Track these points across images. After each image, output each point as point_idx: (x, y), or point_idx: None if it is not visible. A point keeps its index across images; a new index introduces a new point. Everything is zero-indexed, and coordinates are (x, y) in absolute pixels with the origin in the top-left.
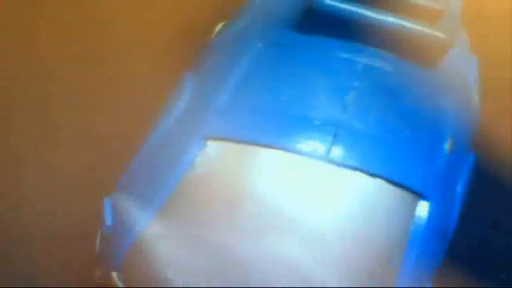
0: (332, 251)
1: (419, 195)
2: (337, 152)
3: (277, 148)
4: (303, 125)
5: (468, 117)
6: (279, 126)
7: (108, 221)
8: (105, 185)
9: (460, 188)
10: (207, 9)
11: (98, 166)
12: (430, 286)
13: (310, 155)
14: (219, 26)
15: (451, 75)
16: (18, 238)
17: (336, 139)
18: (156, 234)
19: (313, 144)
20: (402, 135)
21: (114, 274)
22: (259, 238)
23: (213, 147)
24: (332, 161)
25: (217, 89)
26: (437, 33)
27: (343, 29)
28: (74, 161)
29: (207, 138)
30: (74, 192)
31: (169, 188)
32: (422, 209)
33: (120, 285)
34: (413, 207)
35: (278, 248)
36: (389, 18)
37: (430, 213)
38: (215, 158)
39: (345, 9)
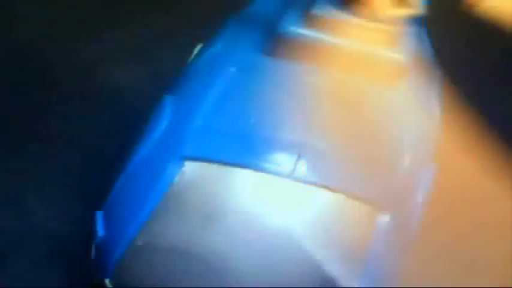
0: (299, 257)
1: (379, 207)
2: (301, 170)
3: (248, 167)
4: (270, 145)
5: (428, 131)
6: (248, 147)
7: (100, 232)
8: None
9: (420, 197)
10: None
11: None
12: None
13: (277, 173)
14: (196, 49)
15: (412, 92)
16: (21, 243)
17: (299, 158)
18: (143, 245)
19: (279, 164)
20: (362, 152)
21: (107, 280)
22: (235, 247)
23: (190, 166)
24: (297, 178)
25: (193, 112)
26: (395, 55)
27: (309, 52)
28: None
29: (184, 159)
30: (74, 200)
31: (152, 205)
32: (383, 219)
33: None
34: (374, 217)
35: (251, 255)
36: (350, 43)
37: (390, 223)
38: (192, 176)
39: (308, 36)
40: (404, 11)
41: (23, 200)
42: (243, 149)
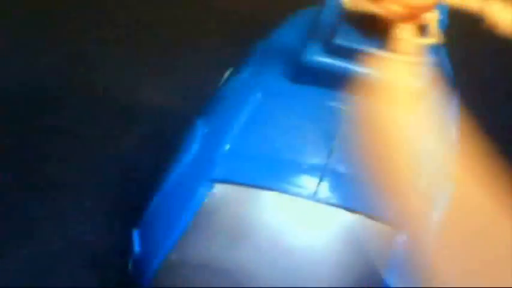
0: (321, 274)
1: (396, 227)
2: (323, 192)
3: (273, 189)
4: (294, 169)
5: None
6: (273, 171)
7: (137, 248)
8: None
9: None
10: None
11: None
12: None
13: (300, 195)
14: (226, 74)
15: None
16: (60, 255)
17: (321, 181)
18: (176, 261)
19: (302, 186)
20: (381, 175)
21: None
22: (261, 265)
23: (219, 188)
24: (319, 200)
25: (222, 136)
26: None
27: (332, 79)
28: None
29: (214, 181)
30: (112, 213)
31: (184, 224)
32: (400, 238)
33: None
34: (392, 237)
35: (276, 272)
36: (369, 70)
37: (407, 242)
38: (221, 198)
39: (332, 64)
40: (425, 40)
41: (63, 213)
42: (268, 172)
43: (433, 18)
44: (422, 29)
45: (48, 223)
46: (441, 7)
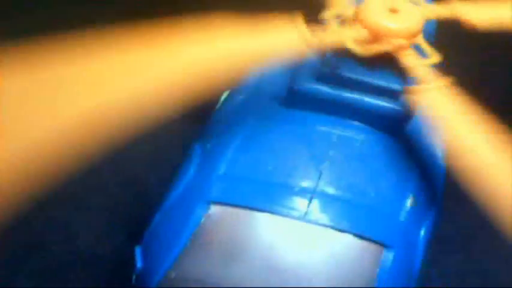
0: None
1: (383, 245)
2: (313, 213)
3: (265, 211)
4: (285, 191)
5: (431, 174)
6: (266, 193)
7: (139, 264)
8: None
9: (423, 234)
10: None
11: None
12: None
13: (291, 216)
14: (223, 96)
15: (414, 137)
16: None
17: (311, 203)
18: (175, 278)
19: (293, 208)
20: (368, 196)
21: None
22: (254, 282)
23: (215, 209)
24: (309, 221)
25: (217, 159)
26: (397, 107)
27: (321, 105)
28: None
29: (210, 202)
30: (117, 226)
31: (182, 242)
32: (387, 255)
33: None
34: (379, 255)
35: (268, 286)
36: (357, 96)
37: (394, 259)
38: (217, 218)
39: (320, 90)
40: (429, 61)
41: (70, 227)
42: (261, 194)
43: (420, 37)
44: (418, 51)
45: (55, 237)
46: (429, 23)
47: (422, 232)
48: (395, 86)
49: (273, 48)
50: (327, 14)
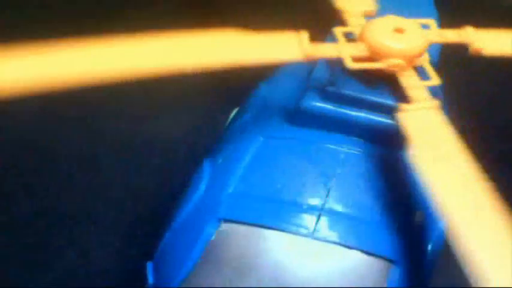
0: None
1: (391, 261)
2: (321, 230)
3: (274, 228)
4: (294, 208)
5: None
6: (274, 210)
7: (150, 280)
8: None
9: (430, 249)
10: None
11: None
12: None
13: (299, 233)
14: (232, 113)
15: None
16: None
17: (319, 220)
18: None
19: (301, 225)
20: (375, 213)
21: None
22: None
23: (225, 227)
24: (317, 238)
25: (228, 176)
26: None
27: (327, 122)
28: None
29: (220, 220)
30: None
31: (193, 259)
32: (394, 272)
33: None
34: (386, 271)
35: None
36: (363, 115)
37: (401, 275)
38: (227, 235)
39: (326, 109)
40: (430, 82)
41: (83, 242)
42: (270, 211)
43: (424, 59)
44: (420, 72)
45: (69, 252)
46: (434, 46)
47: (429, 247)
48: (396, 104)
49: (271, 53)
50: (337, 30)
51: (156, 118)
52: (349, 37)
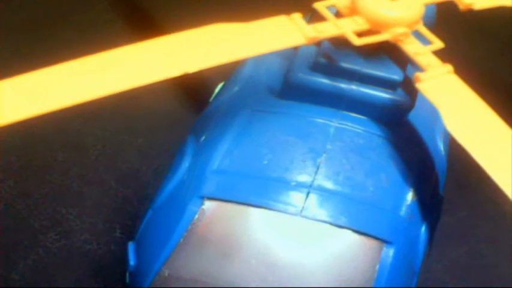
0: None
1: (383, 241)
2: (310, 209)
3: (260, 206)
4: (281, 186)
5: (432, 167)
6: (261, 188)
7: (132, 261)
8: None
9: (424, 229)
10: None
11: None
12: None
13: (287, 212)
14: (218, 87)
15: (415, 129)
16: (64, 263)
17: (308, 198)
18: (169, 276)
19: (289, 203)
20: (367, 191)
21: None
22: (250, 280)
23: (209, 205)
24: (305, 217)
25: (211, 153)
26: (396, 98)
27: (318, 96)
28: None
29: (204, 197)
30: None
31: (176, 239)
32: (387, 252)
33: None
34: (379, 251)
35: (265, 285)
36: (355, 87)
37: (395, 256)
38: (211, 214)
39: (316, 81)
40: (433, 47)
41: (65, 223)
42: (257, 189)
43: (420, 23)
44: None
45: (51, 233)
46: (429, 8)
47: (423, 227)
48: (395, 76)
49: (271, 41)
50: (319, 5)
51: (137, 96)
52: (333, 12)
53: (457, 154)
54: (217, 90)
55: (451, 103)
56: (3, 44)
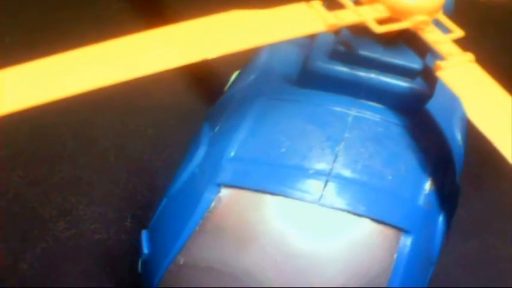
0: (325, 279)
1: (401, 230)
2: (328, 197)
3: (278, 194)
4: (299, 174)
5: (450, 157)
6: (279, 175)
7: (145, 250)
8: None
9: (441, 219)
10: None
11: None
12: None
13: (305, 200)
14: (233, 76)
15: (433, 118)
16: (72, 252)
17: (326, 186)
18: (184, 264)
19: (307, 191)
20: (386, 179)
21: None
22: (266, 268)
23: (225, 193)
24: (323, 205)
25: (228, 141)
26: (416, 87)
27: (336, 84)
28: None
29: (220, 185)
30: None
31: (191, 227)
32: (405, 241)
33: None
34: (396, 240)
35: (281, 275)
36: (374, 75)
37: (412, 245)
38: (227, 202)
39: (335, 69)
40: (453, 35)
41: (74, 211)
42: (274, 176)
43: (439, 12)
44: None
45: (60, 222)
46: None
47: (440, 217)
48: (414, 65)
49: (291, 28)
50: None
51: (148, 87)
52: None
53: (473, 146)
54: (232, 78)
55: (473, 92)
56: (16, 32)
